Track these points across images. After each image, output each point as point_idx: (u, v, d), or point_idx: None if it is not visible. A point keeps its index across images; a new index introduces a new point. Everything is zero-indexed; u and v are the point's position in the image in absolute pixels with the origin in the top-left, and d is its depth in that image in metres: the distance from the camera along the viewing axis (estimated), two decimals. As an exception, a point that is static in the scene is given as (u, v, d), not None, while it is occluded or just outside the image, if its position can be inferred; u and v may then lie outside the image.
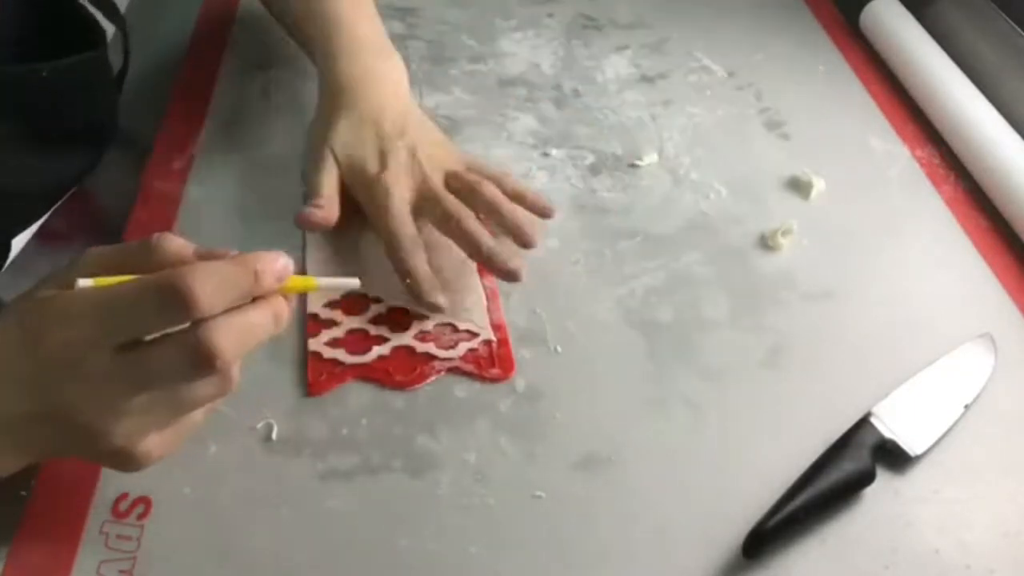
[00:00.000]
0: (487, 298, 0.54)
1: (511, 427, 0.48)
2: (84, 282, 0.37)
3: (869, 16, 0.79)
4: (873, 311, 0.56)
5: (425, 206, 0.55)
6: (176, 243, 0.38)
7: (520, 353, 0.52)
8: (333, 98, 0.58)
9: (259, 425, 0.47)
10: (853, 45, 0.80)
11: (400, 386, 0.50)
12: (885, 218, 0.63)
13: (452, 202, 0.54)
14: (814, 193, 0.63)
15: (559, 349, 0.52)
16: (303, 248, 0.56)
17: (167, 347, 0.36)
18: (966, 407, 0.50)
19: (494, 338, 0.52)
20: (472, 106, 0.70)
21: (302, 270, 0.55)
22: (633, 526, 0.44)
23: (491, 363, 0.51)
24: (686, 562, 0.43)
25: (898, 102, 0.73)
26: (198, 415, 0.41)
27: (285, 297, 0.39)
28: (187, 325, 0.36)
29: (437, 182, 0.55)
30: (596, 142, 0.67)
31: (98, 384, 0.36)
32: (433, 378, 0.50)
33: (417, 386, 0.50)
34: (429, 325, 0.52)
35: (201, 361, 0.35)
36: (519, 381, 0.50)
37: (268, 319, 0.38)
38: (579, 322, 0.54)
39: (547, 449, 0.47)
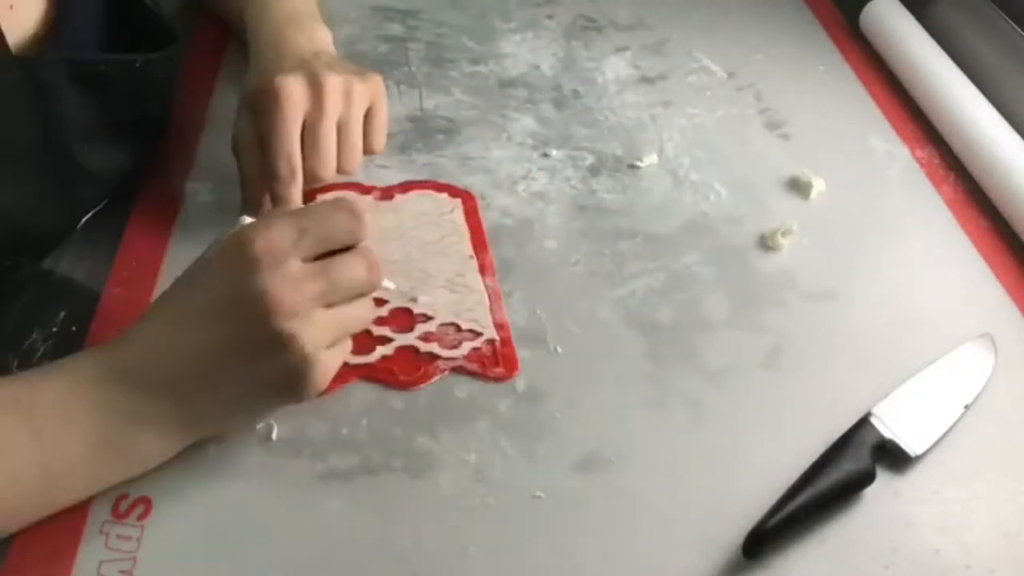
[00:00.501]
0: (489, 298, 0.54)
1: (511, 427, 0.48)
2: (246, 219, 0.44)
3: (869, 16, 0.79)
4: (873, 311, 0.56)
5: (311, 94, 0.54)
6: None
7: (520, 353, 0.52)
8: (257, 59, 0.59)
9: (259, 425, 0.47)
10: (853, 45, 0.80)
11: (405, 386, 0.50)
12: (885, 218, 0.63)
13: (331, 103, 0.54)
14: (814, 193, 0.64)
15: (559, 349, 0.52)
16: None
17: (348, 259, 0.44)
18: (966, 407, 0.50)
19: (497, 337, 0.52)
20: (472, 107, 0.70)
21: None
22: (633, 526, 0.44)
23: (495, 362, 0.51)
24: (686, 562, 0.43)
25: (898, 102, 0.73)
26: (349, 343, 0.46)
27: None
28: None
29: (333, 79, 0.54)
30: (596, 143, 0.67)
31: (296, 284, 0.41)
32: (437, 377, 0.50)
33: (422, 385, 0.50)
34: (433, 325, 0.52)
35: (374, 268, 0.44)
36: (519, 381, 0.50)
37: None
38: (579, 322, 0.54)
39: (547, 449, 0.47)
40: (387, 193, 0.61)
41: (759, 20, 0.82)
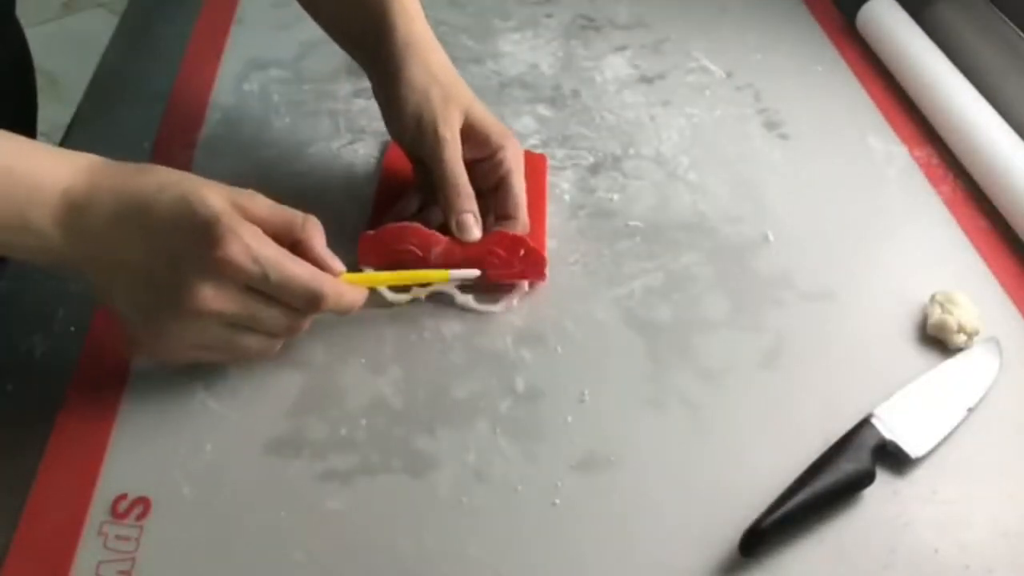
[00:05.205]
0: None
1: (511, 427, 0.48)
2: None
3: (866, 16, 0.79)
4: (873, 311, 0.56)
5: (471, 134, 0.56)
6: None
7: (520, 353, 0.52)
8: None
9: (259, 425, 0.47)
10: (851, 45, 0.80)
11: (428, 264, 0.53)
12: (884, 218, 0.63)
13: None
14: (814, 193, 0.63)
15: (559, 349, 0.52)
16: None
17: (278, 310, 0.45)
18: (969, 410, 0.49)
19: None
20: (471, 106, 0.70)
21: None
22: (633, 526, 0.44)
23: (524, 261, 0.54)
24: (685, 561, 0.43)
25: (896, 102, 0.73)
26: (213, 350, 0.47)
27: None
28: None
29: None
30: (595, 142, 0.67)
31: (222, 299, 0.43)
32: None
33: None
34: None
35: (294, 327, 0.47)
36: (519, 381, 0.50)
37: None
38: (579, 322, 0.54)
39: (547, 449, 0.47)
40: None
41: (757, 20, 0.82)
